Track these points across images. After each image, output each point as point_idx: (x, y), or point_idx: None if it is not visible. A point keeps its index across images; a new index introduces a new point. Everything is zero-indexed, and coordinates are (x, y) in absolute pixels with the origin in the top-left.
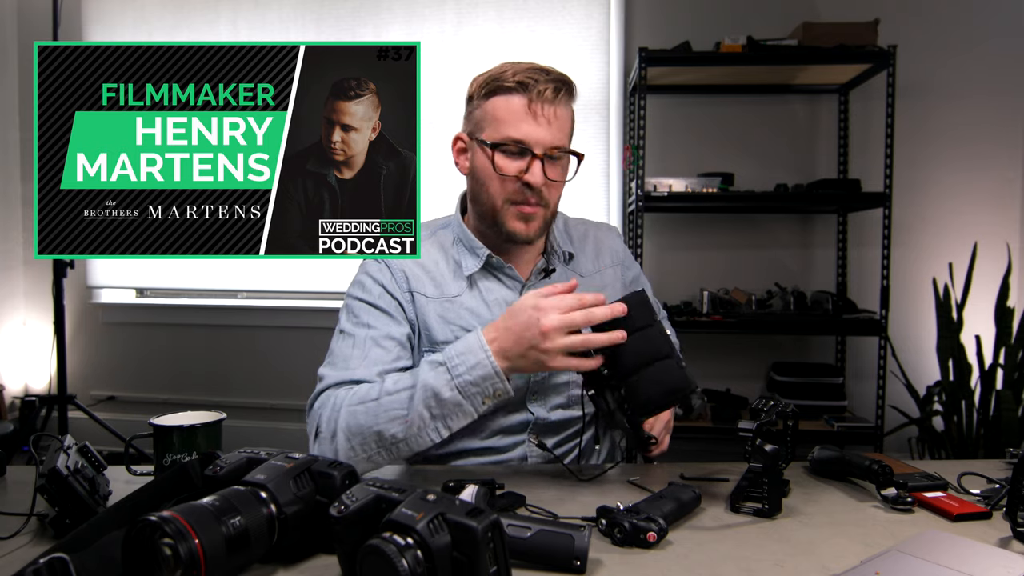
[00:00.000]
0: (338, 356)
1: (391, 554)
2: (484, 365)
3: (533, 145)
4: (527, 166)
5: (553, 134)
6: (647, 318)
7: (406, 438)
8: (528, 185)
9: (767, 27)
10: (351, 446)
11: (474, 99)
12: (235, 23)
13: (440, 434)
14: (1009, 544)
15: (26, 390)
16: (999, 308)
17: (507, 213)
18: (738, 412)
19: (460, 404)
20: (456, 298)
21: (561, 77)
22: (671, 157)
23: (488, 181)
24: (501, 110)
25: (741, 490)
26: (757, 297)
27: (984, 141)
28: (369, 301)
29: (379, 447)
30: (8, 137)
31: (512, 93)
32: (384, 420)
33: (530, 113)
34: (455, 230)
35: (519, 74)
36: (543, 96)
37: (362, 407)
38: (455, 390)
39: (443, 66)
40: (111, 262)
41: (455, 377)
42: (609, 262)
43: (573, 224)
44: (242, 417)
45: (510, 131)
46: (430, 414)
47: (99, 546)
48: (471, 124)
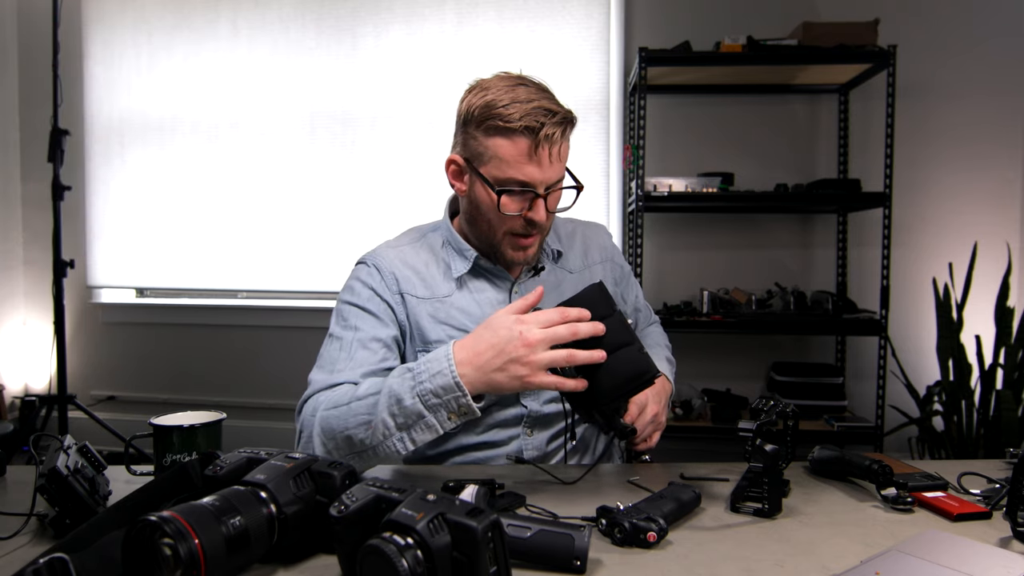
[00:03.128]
0: (326, 359)
1: (391, 554)
2: (444, 374)
3: (537, 185)
4: (530, 204)
5: (556, 172)
6: (606, 308)
7: (373, 445)
8: (530, 221)
9: (767, 27)
10: (327, 450)
11: (470, 126)
12: (235, 23)
13: (405, 446)
14: (1009, 544)
15: (26, 390)
16: (999, 308)
17: (505, 243)
18: (738, 412)
19: (422, 415)
20: (447, 298)
21: (566, 115)
22: (671, 157)
23: (490, 215)
24: (505, 151)
25: (741, 490)
26: (757, 297)
27: (984, 141)
28: (357, 304)
29: (350, 452)
30: (8, 137)
31: (516, 136)
32: (353, 424)
33: (536, 157)
34: (444, 233)
35: (525, 117)
36: (551, 140)
37: (335, 411)
38: (416, 397)
39: (443, 66)
40: (111, 262)
41: (417, 384)
42: (598, 258)
43: (561, 223)
44: (242, 417)
45: (515, 173)
46: (394, 422)
47: (99, 546)
48: (468, 151)
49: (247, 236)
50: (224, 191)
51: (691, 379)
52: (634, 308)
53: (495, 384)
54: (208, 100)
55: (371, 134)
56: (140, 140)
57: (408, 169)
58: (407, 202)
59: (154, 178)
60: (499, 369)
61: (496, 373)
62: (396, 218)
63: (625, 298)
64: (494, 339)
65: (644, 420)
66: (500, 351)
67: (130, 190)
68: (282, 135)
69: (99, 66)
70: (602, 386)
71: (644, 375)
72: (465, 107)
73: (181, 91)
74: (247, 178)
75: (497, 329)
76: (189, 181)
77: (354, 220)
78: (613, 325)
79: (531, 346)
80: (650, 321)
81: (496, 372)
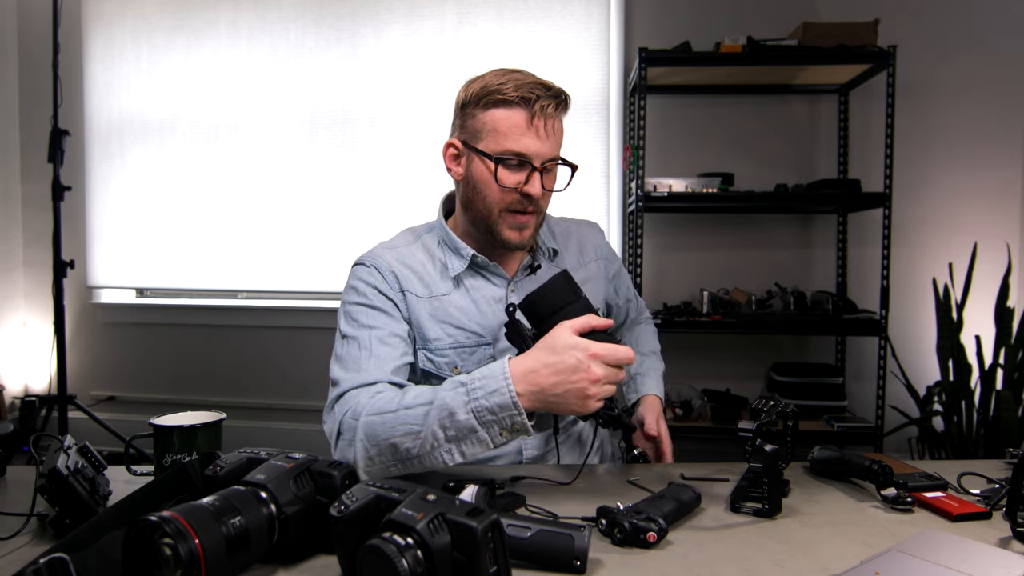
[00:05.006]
0: (347, 359)
1: (391, 554)
2: (502, 393)
3: (533, 158)
4: (526, 178)
5: (551, 147)
6: (572, 295)
7: (420, 455)
8: (527, 195)
9: (767, 27)
10: (369, 456)
11: (468, 107)
12: (235, 23)
13: (454, 457)
14: (1009, 544)
15: (26, 390)
16: (999, 308)
17: (502, 221)
18: (738, 412)
19: (475, 430)
20: (444, 297)
21: (560, 92)
22: (671, 157)
23: (486, 191)
24: (502, 123)
25: (741, 490)
26: (757, 297)
27: (984, 141)
28: (366, 303)
29: (394, 459)
30: (8, 137)
31: (513, 107)
32: (400, 433)
33: (532, 128)
34: (439, 233)
35: (520, 88)
36: (545, 111)
37: (379, 418)
38: (470, 413)
39: (443, 66)
40: (111, 262)
41: (472, 400)
42: (593, 256)
43: (556, 222)
44: (242, 417)
45: (512, 144)
46: (444, 435)
47: (99, 546)
48: (466, 132)
49: (247, 236)
50: (224, 191)
51: (691, 379)
52: (625, 299)
53: (551, 405)
54: (208, 100)
55: (371, 134)
56: (140, 140)
57: (408, 169)
58: (407, 202)
59: (154, 178)
60: (559, 395)
61: (555, 397)
62: (396, 218)
63: (618, 291)
64: (560, 365)
65: (663, 430)
66: (564, 379)
67: (130, 190)
68: (282, 135)
69: (99, 66)
70: None
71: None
72: (463, 93)
73: (181, 91)
74: (247, 178)
75: (563, 355)
76: (189, 181)
77: (354, 220)
78: (579, 310)
79: (596, 381)
80: (641, 313)
81: (555, 396)
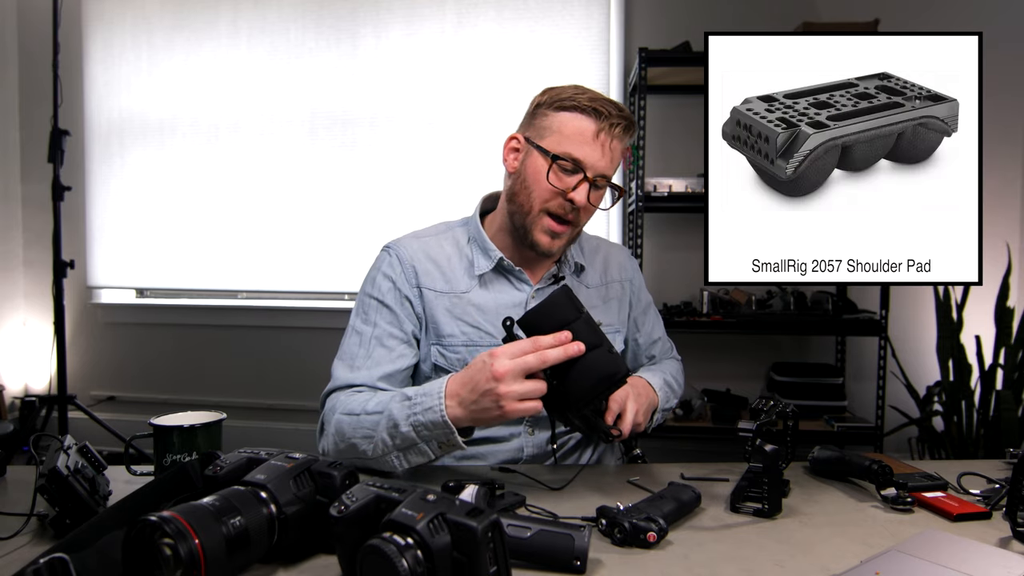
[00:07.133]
0: (347, 353)
1: (391, 554)
2: (435, 411)
3: (588, 168)
4: (575, 185)
5: (608, 165)
6: (573, 312)
7: (374, 457)
8: (571, 202)
9: (767, 27)
10: (339, 449)
11: (542, 107)
12: (235, 23)
13: (402, 464)
14: (1009, 544)
15: (26, 390)
16: (999, 308)
17: (539, 222)
18: (738, 412)
19: (415, 443)
20: (465, 294)
21: (631, 117)
22: (671, 157)
23: (535, 185)
24: (568, 126)
25: (741, 490)
26: (757, 297)
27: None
28: (378, 298)
29: (356, 457)
30: (8, 137)
31: (585, 114)
32: (359, 436)
33: (596, 140)
34: (471, 230)
35: (596, 101)
36: (613, 130)
37: (347, 418)
38: (411, 427)
39: (443, 66)
40: (111, 262)
41: (412, 415)
42: (617, 277)
43: (586, 239)
44: (242, 417)
45: (572, 149)
46: (392, 443)
47: (99, 546)
48: (532, 129)
49: (247, 236)
50: (224, 191)
51: (691, 379)
52: (650, 340)
53: (479, 419)
54: (208, 100)
55: (371, 134)
56: (140, 140)
57: (408, 169)
58: (407, 202)
59: (154, 178)
60: (476, 404)
61: (474, 407)
62: (396, 218)
63: (639, 326)
64: (469, 374)
65: (626, 424)
66: (475, 386)
67: (130, 190)
68: (282, 135)
69: (99, 66)
70: (574, 390)
71: (615, 376)
72: (539, 96)
73: (181, 91)
74: (247, 178)
75: (472, 364)
76: (189, 181)
77: (354, 220)
78: (581, 328)
79: (500, 378)
80: (666, 353)
81: (475, 407)
